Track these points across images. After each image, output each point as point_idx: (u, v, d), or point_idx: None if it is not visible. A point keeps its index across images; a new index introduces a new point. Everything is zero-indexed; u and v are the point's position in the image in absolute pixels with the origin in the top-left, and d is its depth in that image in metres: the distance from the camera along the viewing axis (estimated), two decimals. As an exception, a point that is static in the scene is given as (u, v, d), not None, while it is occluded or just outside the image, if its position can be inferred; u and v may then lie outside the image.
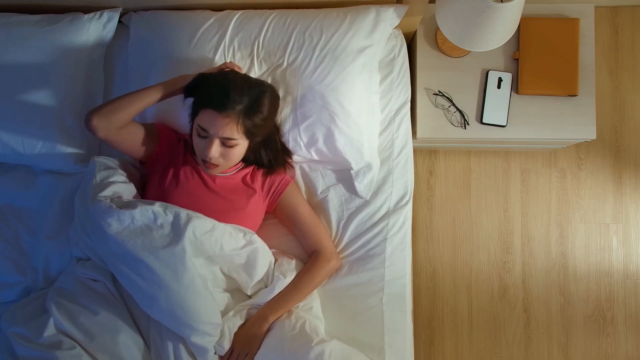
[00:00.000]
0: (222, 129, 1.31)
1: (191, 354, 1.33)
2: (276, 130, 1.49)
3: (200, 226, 1.33)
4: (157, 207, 1.33)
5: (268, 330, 1.39)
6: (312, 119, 1.48)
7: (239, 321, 1.39)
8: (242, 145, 1.36)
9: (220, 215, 1.40)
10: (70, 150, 1.53)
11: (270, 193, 1.51)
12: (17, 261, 1.49)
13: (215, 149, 1.33)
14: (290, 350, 1.31)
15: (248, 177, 1.50)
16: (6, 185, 1.56)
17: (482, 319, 2.09)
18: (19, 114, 1.49)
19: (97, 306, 1.31)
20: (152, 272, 1.27)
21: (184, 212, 1.33)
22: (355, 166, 1.52)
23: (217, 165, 1.38)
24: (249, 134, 1.34)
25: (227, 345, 1.35)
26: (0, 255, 1.49)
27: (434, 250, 2.12)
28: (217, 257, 1.37)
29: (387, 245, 1.53)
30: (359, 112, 1.49)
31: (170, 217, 1.32)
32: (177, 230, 1.30)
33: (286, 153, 1.54)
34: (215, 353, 1.35)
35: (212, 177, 1.47)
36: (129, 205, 1.32)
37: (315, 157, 1.54)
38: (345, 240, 1.55)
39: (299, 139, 1.51)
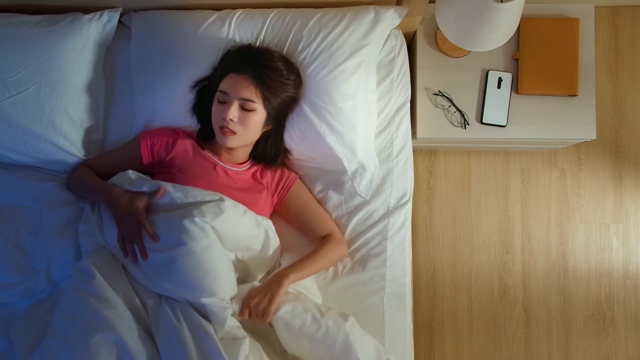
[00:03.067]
0: (241, 90, 1.37)
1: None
2: (283, 125, 1.51)
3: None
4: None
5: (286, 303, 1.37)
6: (305, 114, 1.49)
7: (247, 288, 1.38)
8: (259, 114, 1.40)
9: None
10: (71, 150, 1.53)
11: (278, 189, 1.53)
12: (19, 262, 1.48)
13: (234, 111, 1.38)
14: (325, 317, 1.31)
15: (258, 174, 1.53)
16: (8, 185, 1.56)
17: (482, 319, 2.09)
18: (20, 114, 1.49)
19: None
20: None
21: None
22: (347, 164, 1.51)
23: (234, 133, 1.40)
24: (266, 101, 1.40)
25: (237, 306, 1.33)
26: (1, 256, 1.48)
27: (434, 250, 2.12)
28: (237, 236, 1.37)
29: (388, 244, 1.53)
30: (352, 109, 1.49)
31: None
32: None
33: (286, 151, 1.55)
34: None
35: (225, 170, 1.48)
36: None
37: (309, 153, 1.54)
38: (345, 239, 1.55)
39: (292, 132, 1.52)
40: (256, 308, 1.30)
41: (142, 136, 1.51)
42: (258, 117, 1.41)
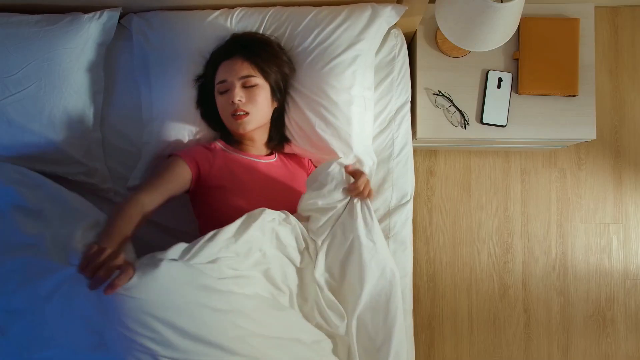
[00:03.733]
0: (238, 70, 1.40)
1: None
2: (283, 105, 1.52)
3: None
4: None
5: None
6: (300, 109, 1.50)
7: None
8: (263, 87, 1.42)
9: (288, 190, 1.46)
10: (70, 149, 1.53)
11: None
12: None
13: (238, 91, 1.40)
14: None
15: (285, 160, 1.56)
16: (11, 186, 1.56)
17: (482, 319, 2.09)
18: (20, 113, 1.49)
19: None
20: None
21: None
22: (343, 159, 1.52)
23: (247, 114, 1.41)
24: (264, 72, 1.42)
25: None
26: None
27: (434, 250, 2.12)
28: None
29: (390, 244, 1.53)
30: (347, 103, 1.49)
31: None
32: None
33: (286, 138, 1.56)
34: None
35: (266, 165, 1.49)
36: None
37: (306, 147, 1.55)
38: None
39: (291, 129, 1.53)
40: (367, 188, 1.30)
41: (183, 157, 1.39)
42: (264, 91, 1.43)
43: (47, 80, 1.49)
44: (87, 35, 1.54)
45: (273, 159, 1.54)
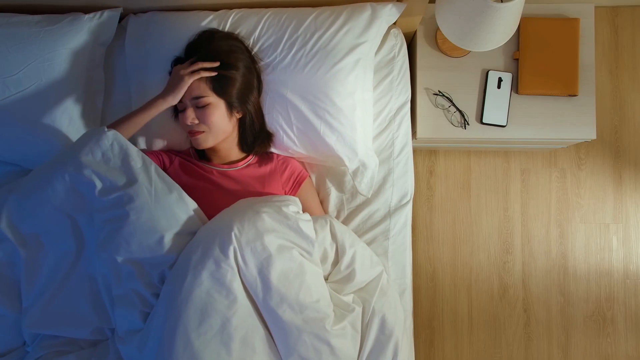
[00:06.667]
0: (190, 91, 1.39)
1: None
2: (255, 107, 1.48)
3: None
4: None
5: None
6: (303, 115, 1.48)
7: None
8: (216, 105, 1.40)
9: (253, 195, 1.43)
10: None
11: (290, 184, 1.52)
12: None
13: (190, 113, 1.40)
14: None
15: (262, 167, 1.52)
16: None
17: (482, 319, 2.09)
18: (20, 114, 1.49)
19: None
20: None
21: None
22: (348, 163, 1.51)
23: (202, 132, 1.42)
24: (218, 90, 1.39)
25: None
26: None
27: (434, 250, 2.12)
28: None
29: (390, 245, 1.53)
30: (351, 108, 1.48)
31: None
32: None
33: (268, 137, 1.53)
34: None
35: (222, 173, 1.48)
36: None
37: (309, 153, 1.54)
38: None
39: (292, 135, 1.51)
40: None
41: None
42: (217, 109, 1.41)
43: (47, 80, 1.49)
44: (87, 36, 1.54)
45: (240, 166, 1.51)
